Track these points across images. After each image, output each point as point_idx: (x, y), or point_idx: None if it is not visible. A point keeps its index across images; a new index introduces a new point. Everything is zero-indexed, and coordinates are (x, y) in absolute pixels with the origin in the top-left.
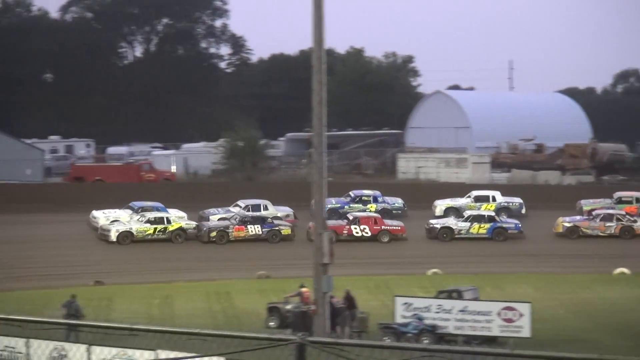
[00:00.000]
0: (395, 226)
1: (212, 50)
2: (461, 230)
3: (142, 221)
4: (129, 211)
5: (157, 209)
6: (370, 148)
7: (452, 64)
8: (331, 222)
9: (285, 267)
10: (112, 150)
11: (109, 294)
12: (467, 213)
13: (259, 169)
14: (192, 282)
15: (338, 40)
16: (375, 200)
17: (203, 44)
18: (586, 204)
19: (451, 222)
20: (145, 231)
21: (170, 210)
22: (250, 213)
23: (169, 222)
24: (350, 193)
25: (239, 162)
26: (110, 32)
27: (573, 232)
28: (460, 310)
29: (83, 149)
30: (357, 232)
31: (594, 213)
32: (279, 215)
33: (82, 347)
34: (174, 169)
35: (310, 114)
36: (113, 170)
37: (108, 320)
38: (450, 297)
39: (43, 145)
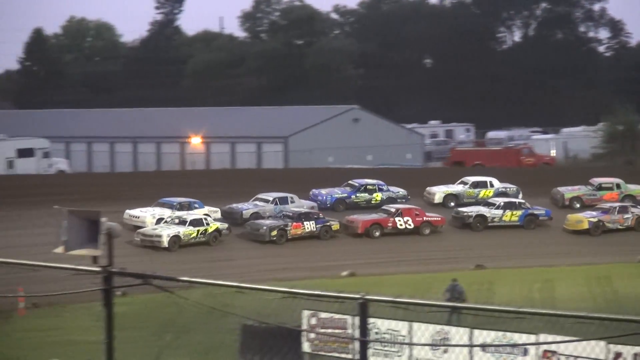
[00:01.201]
0: (436, 217)
1: (591, 34)
2: (494, 218)
3: (178, 223)
4: (159, 208)
5: (195, 206)
6: None
7: None
8: (374, 216)
9: None
10: (492, 134)
11: (490, 277)
12: (497, 200)
13: (638, 153)
14: (573, 267)
15: None
16: (380, 189)
17: (582, 28)
18: (565, 191)
19: (483, 209)
20: (190, 234)
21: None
22: (301, 209)
23: (207, 223)
24: (355, 182)
25: (619, 146)
26: (489, 17)
27: (597, 228)
28: None
29: (463, 133)
30: (401, 225)
31: (607, 205)
32: (305, 208)
33: (465, 331)
34: (553, 153)
35: None
36: (493, 154)
37: (489, 303)
38: None
39: (423, 130)
